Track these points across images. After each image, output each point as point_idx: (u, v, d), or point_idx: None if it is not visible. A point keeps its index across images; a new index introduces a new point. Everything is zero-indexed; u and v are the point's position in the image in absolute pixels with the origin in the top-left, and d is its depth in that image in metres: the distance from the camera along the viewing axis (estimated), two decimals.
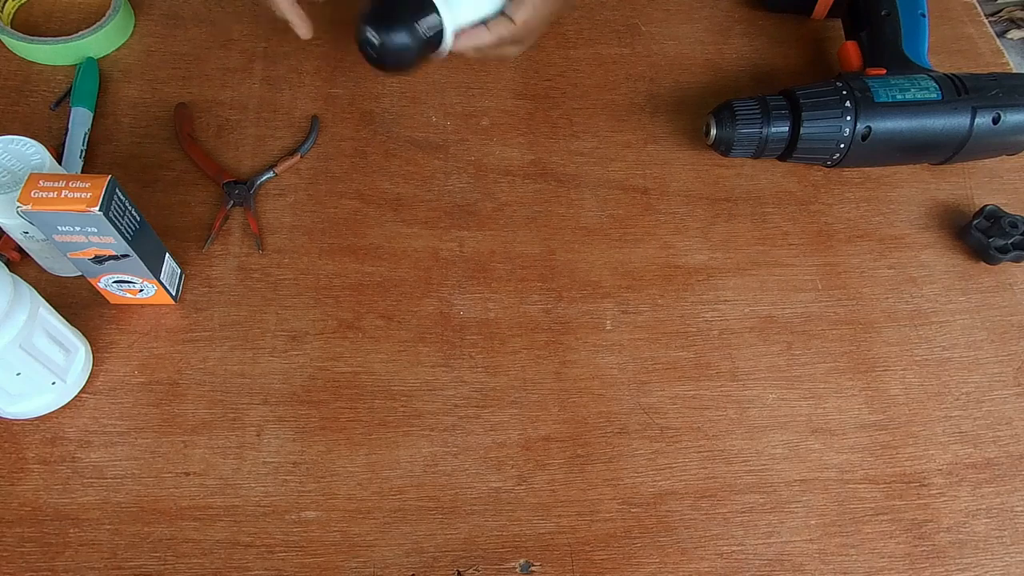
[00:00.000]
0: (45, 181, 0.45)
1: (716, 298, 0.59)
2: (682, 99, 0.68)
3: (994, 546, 0.51)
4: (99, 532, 0.47)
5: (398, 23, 0.53)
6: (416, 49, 0.54)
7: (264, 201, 0.60)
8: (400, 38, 0.53)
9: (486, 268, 0.59)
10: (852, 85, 0.60)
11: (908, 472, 0.53)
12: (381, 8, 0.54)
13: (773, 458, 0.53)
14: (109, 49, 0.66)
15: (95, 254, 0.49)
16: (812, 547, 0.50)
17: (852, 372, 0.56)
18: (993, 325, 0.59)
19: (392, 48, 0.54)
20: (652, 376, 0.55)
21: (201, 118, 0.64)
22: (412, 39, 0.54)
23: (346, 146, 0.63)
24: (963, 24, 0.76)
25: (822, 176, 0.65)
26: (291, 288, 0.57)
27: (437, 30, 0.55)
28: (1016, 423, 0.55)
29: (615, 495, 0.51)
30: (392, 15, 0.54)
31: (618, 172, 0.64)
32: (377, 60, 0.55)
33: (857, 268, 0.61)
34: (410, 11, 0.54)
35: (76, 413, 0.51)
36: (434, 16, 0.54)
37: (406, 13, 0.54)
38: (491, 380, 0.54)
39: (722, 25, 0.74)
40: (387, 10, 0.54)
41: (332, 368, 0.54)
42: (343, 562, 0.47)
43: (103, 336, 0.54)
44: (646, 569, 0.49)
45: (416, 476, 0.50)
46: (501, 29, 0.56)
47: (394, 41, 0.53)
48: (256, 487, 0.49)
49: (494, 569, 0.48)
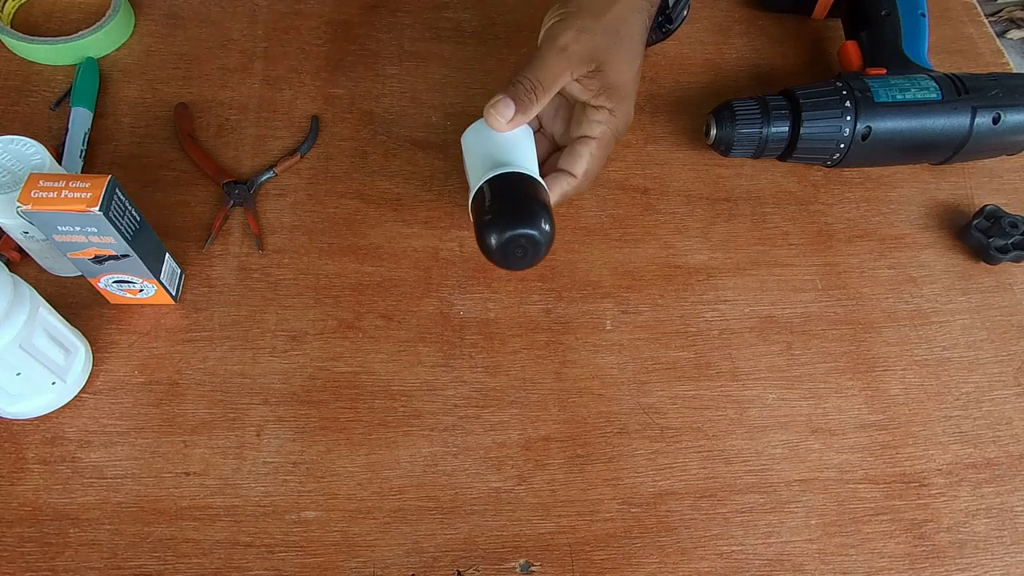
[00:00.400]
0: (45, 181, 0.45)
1: (716, 298, 0.59)
2: (682, 99, 0.68)
3: (994, 546, 0.51)
4: (99, 532, 0.47)
5: (536, 212, 0.49)
6: (553, 233, 0.50)
7: (264, 201, 0.60)
8: (546, 223, 0.49)
9: (486, 268, 0.58)
10: (852, 85, 0.60)
11: (908, 472, 0.53)
12: (512, 205, 0.49)
13: (773, 458, 0.53)
14: (109, 49, 0.66)
15: (95, 254, 0.49)
16: (812, 547, 0.50)
17: (852, 372, 0.56)
18: (993, 325, 0.59)
19: (548, 237, 0.49)
20: (652, 376, 0.55)
21: (201, 118, 0.64)
22: (550, 224, 0.49)
23: (346, 146, 0.63)
24: (963, 24, 0.76)
25: (822, 176, 0.65)
26: (291, 288, 0.57)
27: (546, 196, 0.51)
28: (1016, 423, 0.55)
29: (615, 495, 0.51)
30: (524, 207, 0.49)
31: (618, 172, 0.64)
32: (535, 254, 0.50)
33: (857, 268, 0.61)
34: (534, 198, 0.49)
35: (76, 413, 0.51)
36: (544, 192, 0.51)
37: (533, 202, 0.49)
38: (491, 380, 0.54)
39: (722, 25, 0.74)
40: (518, 205, 0.49)
41: (332, 368, 0.54)
42: (343, 562, 0.47)
43: (103, 336, 0.54)
44: (646, 569, 0.49)
45: (416, 476, 0.50)
46: (564, 186, 0.54)
47: (546, 229, 0.49)
48: (256, 487, 0.49)
49: (494, 569, 0.48)
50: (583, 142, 0.54)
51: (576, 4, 0.54)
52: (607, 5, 0.54)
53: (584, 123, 0.54)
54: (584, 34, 0.52)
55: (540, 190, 0.51)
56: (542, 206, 0.49)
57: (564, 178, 0.54)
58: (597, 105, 0.54)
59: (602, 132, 0.54)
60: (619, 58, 0.54)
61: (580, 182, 0.54)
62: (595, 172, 0.55)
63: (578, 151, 0.54)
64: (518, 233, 0.48)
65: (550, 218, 0.49)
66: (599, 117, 0.54)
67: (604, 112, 0.54)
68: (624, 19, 0.55)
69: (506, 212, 0.49)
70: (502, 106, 0.51)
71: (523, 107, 0.51)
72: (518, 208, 0.49)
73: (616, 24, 0.54)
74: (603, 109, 0.54)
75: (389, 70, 0.68)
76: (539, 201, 0.49)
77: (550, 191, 0.53)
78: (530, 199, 0.49)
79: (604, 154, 0.55)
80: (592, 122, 0.54)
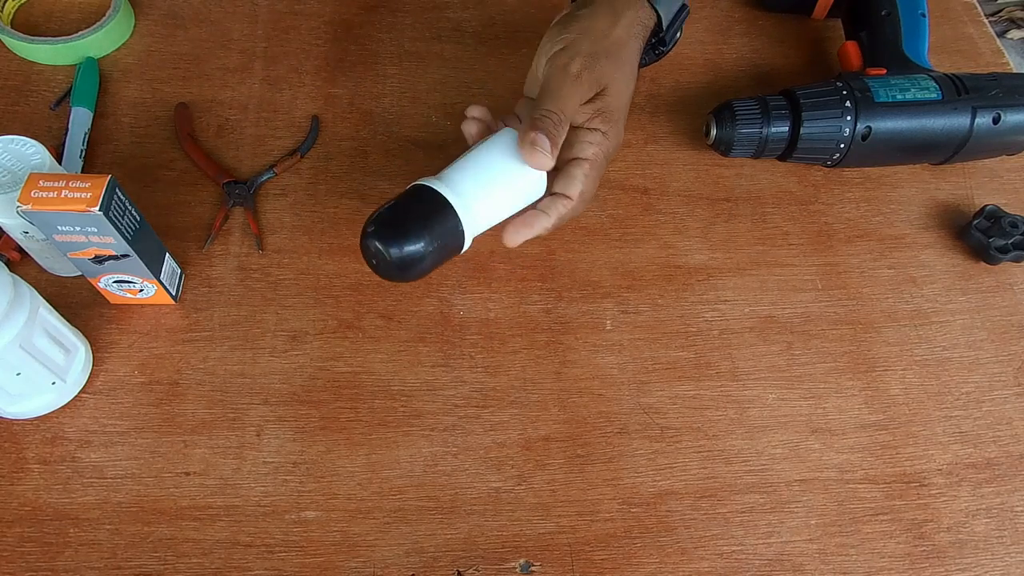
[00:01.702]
0: (45, 181, 0.45)
1: (716, 298, 0.59)
2: (682, 99, 0.68)
3: (994, 546, 0.51)
4: (99, 532, 0.47)
5: (410, 234, 0.46)
6: (430, 257, 0.47)
7: (264, 201, 0.60)
8: (411, 248, 0.46)
9: (486, 268, 0.58)
10: (852, 85, 0.60)
11: (908, 472, 0.53)
12: (391, 216, 0.47)
13: (773, 458, 0.53)
14: (109, 49, 0.66)
15: (95, 254, 0.49)
16: (812, 547, 0.50)
17: (852, 372, 0.56)
18: (993, 325, 0.59)
19: (402, 260, 0.47)
20: (652, 376, 0.55)
21: (201, 118, 0.64)
22: (425, 247, 0.47)
23: (346, 146, 0.63)
24: (963, 24, 0.76)
25: (822, 176, 0.65)
26: (291, 288, 0.57)
27: (455, 234, 0.48)
28: (1016, 423, 0.55)
29: (615, 495, 0.51)
30: (402, 224, 0.47)
31: (618, 172, 0.64)
32: (385, 272, 0.48)
33: (857, 268, 0.61)
34: (422, 219, 0.47)
35: (76, 413, 0.51)
36: (451, 219, 0.48)
37: (419, 221, 0.47)
38: (491, 380, 0.54)
39: (722, 25, 0.74)
40: (396, 218, 0.47)
41: (332, 368, 0.54)
42: (343, 562, 0.47)
43: (103, 336, 0.54)
44: (646, 569, 0.49)
45: (416, 476, 0.50)
46: (560, 208, 0.53)
47: (404, 252, 0.46)
48: (256, 487, 0.49)
49: (494, 569, 0.48)
50: (577, 164, 0.53)
51: (578, 28, 0.54)
52: (608, 29, 0.54)
53: (577, 145, 0.53)
54: (593, 61, 0.52)
55: (441, 217, 0.48)
56: (417, 230, 0.47)
57: (560, 201, 0.53)
58: (592, 128, 0.53)
59: (594, 154, 0.53)
60: (619, 80, 0.54)
61: (576, 204, 0.53)
62: (591, 193, 0.54)
63: (572, 173, 0.53)
64: (369, 243, 0.47)
65: (413, 245, 0.46)
66: (592, 139, 0.53)
67: (598, 134, 0.53)
68: (623, 43, 0.55)
69: (379, 220, 0.47)
70: (542, 142, 0.49)
71: (555, 140, 0.50)
72: (392, 221, 0.47)
73: (617, 48, 0.54)
74: (597, 131, 0.53)
75: (389, 70, 0.68)
76: (422, 224, 0.47)
77: (547, 215, 0.52)
78: (417, 218, 0.47)
79: (598, 175, 0.54)
80: (585, 143, 0.53)
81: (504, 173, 0.51)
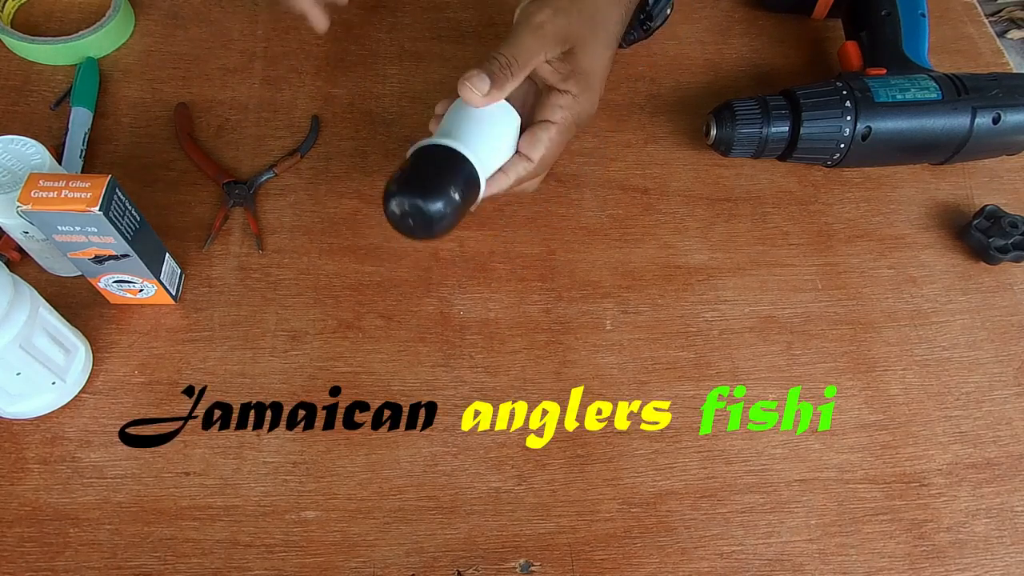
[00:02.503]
0: (45, 181, 0.45)
1: (716, 298, 0.59)
2: (682, 99, 0.68)
3: (994, 546, 0.51)
4: (99, 532, 0.47)
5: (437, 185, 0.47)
6: (459, 206, 0.48)
7: (264, 201, 0.60)
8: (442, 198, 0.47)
9: (486, 268, 0.59)
10: (852, 85, 0.60)
11: (908, 472, 0.53)
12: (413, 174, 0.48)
13: (773, 458, 0.53)
14: (109, 49, 0.66)
15: (95, 254, 0.49)
16: (812, 547, 0.50)
17: (852, 372, 0.56)
18: (993, 325, 0.59)
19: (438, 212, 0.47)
20: (652, 376, 0.55)
21: (201, 118, 0.64)
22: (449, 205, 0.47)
23: (346, 146, 0.63)
24: (963, 24, 0.76)
25: (822, 176, 0.65)
26: (291, 288, 0.57)
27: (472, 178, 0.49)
28: (1016, 423, 0.55)
29: (615, 495, 0.51)
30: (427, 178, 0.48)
31: (618, 172, 0.64)
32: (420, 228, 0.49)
33: (857, 268, 0.61)
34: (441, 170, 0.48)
35: (76, 413, 0.51)
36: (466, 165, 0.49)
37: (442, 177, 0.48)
38: (491, 380, 0.54)
39: (722, 25, 0.74)
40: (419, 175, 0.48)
41: (332, 368, 0.54)
42: (343, 562, 0.47)
43: (103, 336, 0.54)
44: (646, 569, 0.49)
45: (416, 476, 0.50)
46: (519, 170, 0.53)
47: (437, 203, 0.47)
48: (256, 487, 0.49)
49: (494, 569, 0.48)
50: (543, 127, 0.53)
51: None
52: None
53: (547, 107, 0.53)
54: (559, 15, 0.53)
55: (459, 167, 0.49)
56: (446, 182, 0.48)
57: (521, 162, 0.53)
58: (563, 90, 0.53)
59: (563, 117, 0.53)
60: (592, 43, 0.54)
61: (536, 167, 0.54)
62: (552, 159, 0.55)
63: (537, 135, 0.53)
64: (406, 202, 0.47)
65: (449, 196, 0.47)
66: (562, 102, 0.53)
67: (568, 97, 0.53)
68: (600, 7, 0.55)
69: (404, 181, 0.48)
70: (477, 80, 0.50)
71: (498, 83, 0.51)
72: (418, 179, 0.48)
73: (592, 10, 0.54)
74: (567, 94, 0.53)
75: (389, 70, 0.68)
76: (447, 176, 0.48)
77: (506, 174, 0.53)
78: (439, 172, 0.48)
79: (563, 140, 0.54)
80: (555, 106, 0.53)
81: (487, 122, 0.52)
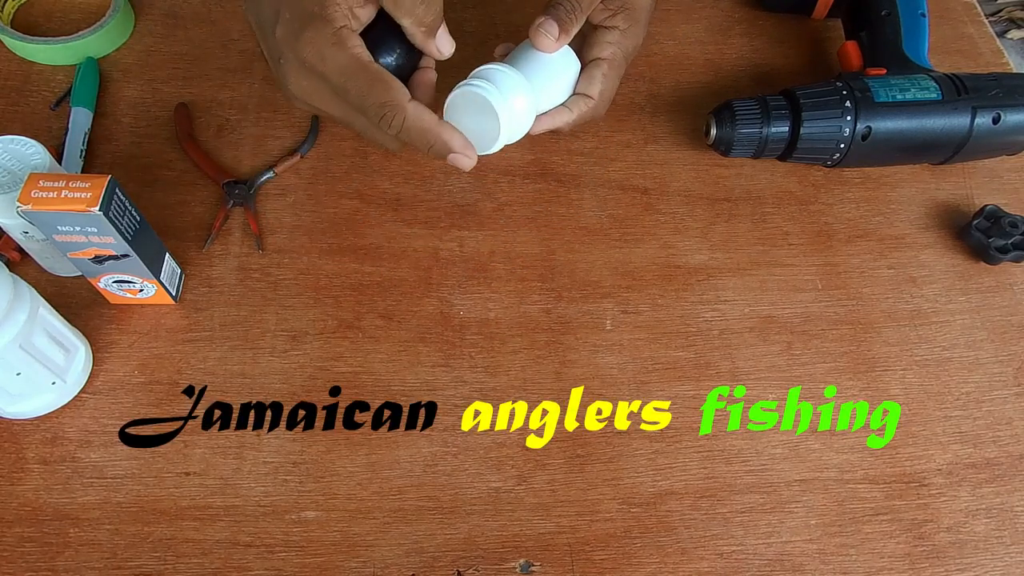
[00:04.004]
0: (45, 181, 0.45)
1: (716, 298, 0.59)
2: (682, 99, 0.68)
3: (994, 546, 0.51)
4: (99, 532, 0.47)
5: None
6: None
7: (264, 201, 0.60)
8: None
9: (486, 268, 0.59)
10: (852, 85, 0.60)
11: (908, 472, 0.53)
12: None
13: (773, 458, 0.53)
14: (109, 49, 0.66)
15: (95, 254, 0.49)
16: (812, 547, 0.50)
17: (852, 372, 0.56)
18: (993, 325, 0.59)
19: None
20: (652, 376, 0.55)
21: (201, 118, 0.64)
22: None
23: (346, 146, 0.63)
24: (963, 24, 0.76)
25: (822, 176, 0.65)
26: (291, 288, 0.57)
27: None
28: (1016, 423, 0.55)
29: (615, 495, 0.51)
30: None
31: (618, 172, 0.64)
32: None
33: (857, 268, 0.61)
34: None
35: (76, 413, 0.51)
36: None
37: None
38: (491, 380, 0.54)
39: (722, 25, 0.74)
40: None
41: (332, 368, 0.54)
42: (343, 562, 0.47)
43: (103, 336, 0.54)
44: (646, 569, 0.49)
45: (416, 476, 0.50)
46: (580, 106, 0.55)
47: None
48: (256, 487, 0.49)
49: (494, 569, 0.48)
50: (595, 64, 0.55)
51: None
52: None
53: (596, 45, 0.55)
54: None
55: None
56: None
57: (581, 100, 0.55)
58: (610, 26, 0.54)
59: (612, 53, 0.54)
60: None
61: (597, 103, 0.55)
62: (610, 94, 0.56)
63: (592, 74, 0.55)
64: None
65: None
66: (610, 38, 0.54)
67: (616, 32, 0.54)
68: None
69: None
70: (548, 26, 0.51)
71: (565, 27, 0.51)
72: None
73: None
74: (615, 29, 0.54)
75: None
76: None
77: (570, 110, 0.55)
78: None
79: (617, 75, 0.56)
80: (604, 43, 0.54)
81: (550, 64, 0.53)
